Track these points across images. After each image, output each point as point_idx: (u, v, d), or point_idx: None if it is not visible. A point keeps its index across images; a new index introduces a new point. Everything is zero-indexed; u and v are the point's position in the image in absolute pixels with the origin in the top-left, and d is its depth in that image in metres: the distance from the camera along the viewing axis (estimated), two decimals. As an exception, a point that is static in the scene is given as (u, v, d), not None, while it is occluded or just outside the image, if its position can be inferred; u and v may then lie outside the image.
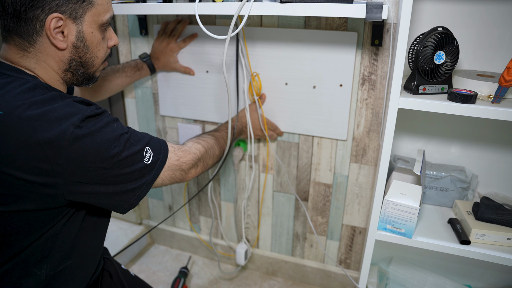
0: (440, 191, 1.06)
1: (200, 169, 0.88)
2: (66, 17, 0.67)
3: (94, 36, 0.73)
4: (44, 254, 0.71)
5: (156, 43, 1.27)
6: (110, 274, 0.92)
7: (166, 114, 1.42)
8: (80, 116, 0.64)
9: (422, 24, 0.99)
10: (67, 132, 0.62)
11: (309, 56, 1.14)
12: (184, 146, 0.85)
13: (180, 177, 0.81)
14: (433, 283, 1.20)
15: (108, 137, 0.67)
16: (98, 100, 1.19)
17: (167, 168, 0.77)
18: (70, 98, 0.68)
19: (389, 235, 0.93)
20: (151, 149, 0.74)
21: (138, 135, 0.74)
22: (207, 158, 0.90)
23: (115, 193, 0.70)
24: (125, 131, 0.71)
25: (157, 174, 0.75)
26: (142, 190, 0.73)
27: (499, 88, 0.79)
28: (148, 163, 0.73)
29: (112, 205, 0.72)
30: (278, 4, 0.87)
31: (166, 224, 1.65)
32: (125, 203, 0.72)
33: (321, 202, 1.33)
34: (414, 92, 0.86)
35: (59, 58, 0.70)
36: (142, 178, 0.73)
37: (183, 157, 0.82)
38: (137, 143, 0.72)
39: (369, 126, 1.17)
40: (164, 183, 0.79)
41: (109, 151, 0.66)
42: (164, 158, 0.76)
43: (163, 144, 0.78)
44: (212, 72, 1.28)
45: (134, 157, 0.71)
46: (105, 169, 0.67)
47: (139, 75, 1.27)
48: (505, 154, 1.06)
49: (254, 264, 1.53)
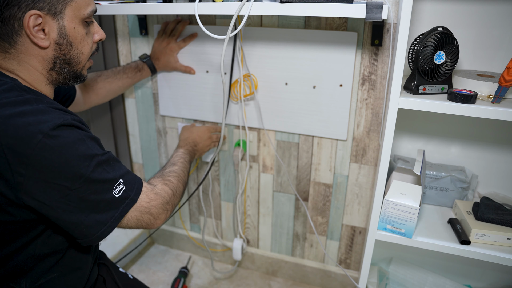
0: (440, 191, 1.06)
1: (169, 212, 0.81)
2: (44, 13, 0.63)
3: (77, 31, 0.69)
4: (23, 271, 0.68)
5: (156, 43, 1.27)
6: (104, 280, 0.89)
7: (166, 114, 1.42)
8: (51, 124, 0.59)
9: (422, 24, 0.99)
10: (34, 140, 0.57)
11: (309, 56, 1.14)
12: (155, 188, 0.78)
13: (147, 221, 0.74)
14: (433, 283, 1.20)
15: (79, 154, 0.61)
16: (100, 103, 1.20)
17: (136, 208, 0.71)
18: (46, 103, 0.63)
19: (389, 235, 0.93)
20: (124, 183, 0.68)
21: (115, 164, 0.69)
22: (174, 199, 0.84)
23: (77, 224, 0.64)
24: (100, 152, 0.65)
25: (125, 212, 0.69)
26: (106, 227, 0.66)
27: (499, 88, 0.79)
28: (117, 196, 0.67)
29: (73, 234, 0.66)
30: (278, 4, 0.87)
31: (166, 224, 1.66)
32: (86, 237, 0.66)
33: (321, 202, 1.33)
34: (414, 92, 0.86)
35: (42, 57, 0.67)
36: (108, 213, 0.66)
37: (154, 200, 0.75)
38: (111, 171, 0.67)
39: (369, 126, 1.17)
40: (128, 225, 0.72)
41: (77, 169, 0.61)
42: (135, 197, 0.70)
43: (138, 182, 0.72)
44: (212, 72, 1.28)
45: (103, 185, 0.65)
46: (70, 190, 0.61)
47: (140, 76, 1.27)
48: (505, 154, 1.06)
49: (254, 264, 1.53)
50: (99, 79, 1.16)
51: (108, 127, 1.56)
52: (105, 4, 1.04)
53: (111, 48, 1.41)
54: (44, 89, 0.71)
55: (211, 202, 1.51)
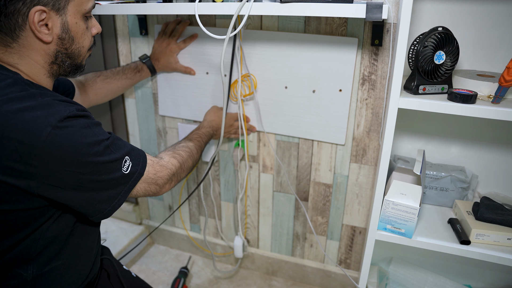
0: (440, 191, 1.06)
1: (174, 183, 0.87)
2: (49, 9, 0.65)
3: (78, 26, 0.71)
4: (30, 256, 0.70)
5: (156, 44, 1.27)
6: (108, 275, 0.91)
7: (166, 114, 1.42)
8: (58, 116, 0.61)
9: (422, 24, 0.99)
10: (44, 132, 0.59)
11: (309, 61, 1.14)
12: (161, 161, 0.83)
13: (154, 190, 0.80)
14: (433, 283, 1.20)
15: (88, 141, 0.64)
16: (99, 103, 1.19)
17: (143, 180, 0.76)
18: (50, 96, 0.65)
19: (389, 235, 0.93)
20: (130, 159, 0.73)
21: (119, 143, 0.73)
22: (181, 172, 0.89)
23: (89, 201, 0.68)
24: (106, 137, 0.69)
25: (133, 185, 0.73)
26: (117, 200, 0.71)
27: (499, 88, 0.79)
28: (126, 173, 0.71)
29: (86, 211, 0.70)
30: (278, 4, 0.87)
31: (166, 224, 1.65)
32: (99, 213, 0.71)
33: (321, 202, 1.33)
34: (414, 92, 0.86)
35: (44, 51, 0.69)
36: (118, 188, 0.71)
37: (160, 171, 0.80)
38: (117, 151, 0.70)
39: (369, 126, 1.17)
40: (138, 195, 0.77)
41: (87, 156, 0.64)
42: (142, 170, 0.75)
43: (142, 156, 0.77)
44: (211, 74, 1.28)
45: (113, 165, 0.69)
46: (82, 174, 0.64)
47: (139, 76, 1.27)
48: (505, 154, 1.05)
49: (254, 264, 1.53)
50: (98, 79, 1.16)
51: (108, 127, 1.56)
52: (105, 4, 1.04)
53: (111, 48, 1.41)
54: (44, 81, 0.72)
55: (212, 202, 1.51)
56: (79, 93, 1.09)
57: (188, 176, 0.91)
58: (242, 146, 1.32)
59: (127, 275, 0.98)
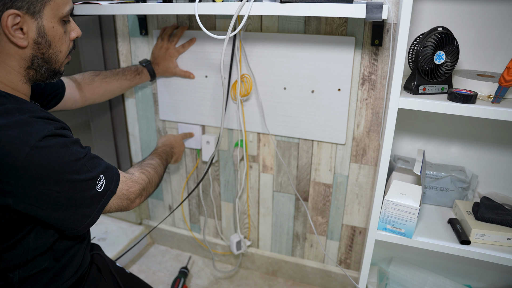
0: (440, 191, 1.06)
1: (143, 198, 0.88)
2: (23, 12, 0.63)
3: (55, 30, 0.69)
4: (20, 263, 0.70)
5: (155, 49, 1.28)
6: (99, 268, 0.91)
7: (166, 119, 1.42)
8: (36, 136, 0.60)
9: (422, 24, 0.99)
10: (21, 152, 0.58)
11: (308, 61, 1.15)
12: (133, 176, 0.85)
13: (126, 205, 0.82)
14: (433, 283, 1.20)
15: (65, 160, 0.64)
16: (96, 102, 1.19)
17: (117, 196, 0.77)
18: (28, 112, 0.64)
19: (389, 235, 0.93)
20: (104, 177, 0.73)
21: (95, 161, 0.73)
22: (150, 187, 0.90)
23: (64, 219, 0.68)
24: (83, 155, 0.69)
25: (106, 203, 0.74)
26: (91, 218, 0.72)
27: (499, 88, 0.79)
28: (100, 191, 0.72)
29: (61, 227, 0.70)
30: (278, 4, 0.87)
31: (166, 224, 1.65)
32: (73, 230, 0.71)
33: (321, 202, 1.33)
34: (414, 92, 0.86)
35: (19, 56, 0.67)
36: (92, 206, 0.71)
37: (132, 187, 0.82)
38: (93, 169, 0.71)
39: (369, 126, 1.17)
40: (111, 211, 0.78)
41: (64, 174, 0.64)
42: (114, 188, 0.76)
43: (115, 175, 0.78)
44: (211, 77, 1.28)
45: (88, 183, 0.69)
46: (58, 193, 0.64)
47: (139, 79, 1.27)
48: (505, 154, 1.05)
49: (254, 264, 1.53)
50: (96, 78, 1.16)
51: (108, 127, 1.56)
52: (105, 4, 1.04)
53: (111, 48, 1.41)
54: (21, 88, 0.71)
55: (212, 202, 1.51)
56: (72, 91, 1.08)
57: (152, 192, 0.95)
58: (241, 145, 1.32)
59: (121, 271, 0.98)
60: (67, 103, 1.07)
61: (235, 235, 1.45)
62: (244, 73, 1.22)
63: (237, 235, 1.44)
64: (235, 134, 1.35)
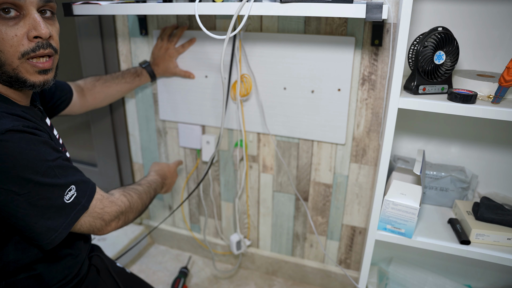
0: (440, 191, 1.06)
1: (121, 222, 0.81)
2: None
3: (1, 32, 0.62)
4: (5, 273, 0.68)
5: (155, 49, 1.28)
6: (98, 270, 0.89)
7: (166, 119, 1.42)
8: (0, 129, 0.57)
9: (422, 24, 0.99)
10: None
11: (308, 61, 1.15)
12: (111, 197, 0.79)
13: (99, 227, 0.75)
14: (433, 283, 1.20)
15: (28, 158, 0.59)
16: (97, 107, 1.20)
17: (89, 214, 0.71)
18: (2, 109, 0.61)
19: (389, 235, 0.93)
20: (76, 189, 0.67)
21: (69, 170, 0.67)
22: (130, 212, 0.84)
23: (28, 229, 0.63)
24: (51, 158, 0.63)
25: (76, 218, 0.68)
26: (58, 233, 0.65)
27: (499, 88, 0.79)
28: (68, 202, 0.66)
29: (25, 237, 0.66)
30: (278, 4, 0.87)
31: (166, 224, 1.65)
32: (38, 243, 0.65)
33: (321, 202, 1.33)
34: (414, 92, 0.86)
35: None
36: (58, 219, 0.65)
37: (108, 207, 0.76)
38: (63, 176, 0.65)
39: (369, 126, 1.17)
40: (81, 230, 0.72)
41: (25, 173, 0.59)
42: (86, 204, 0.70)
43: (90, 189, 0.72)
44: (211, 77, 1.28)
45: (54, 190, 0.63)
46: (18, 195, 0.59)
47: (138, 81, 1.27)
48: (505, 154, 1.05)
49: (254, 264, 1.53)
50: (97, 83, 1.18)
51: (108, 127, 1.56)
52: (105, 4, 1.04)
53: (111, 48, 1.41)
54: (2, 88, 0.68)
55: (212, 202, 1.51)
56: (77, 97, 1.10)
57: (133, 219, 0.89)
58: (241, 146, 1.32)
59: (121, 271, 0.98)
60: (73, 107, 1.09)
61: (235, 235, 1.45)
62: (244, 73, 1.23)
63: (237, 235, 1.44)
64: (235, 134, 1.35)
